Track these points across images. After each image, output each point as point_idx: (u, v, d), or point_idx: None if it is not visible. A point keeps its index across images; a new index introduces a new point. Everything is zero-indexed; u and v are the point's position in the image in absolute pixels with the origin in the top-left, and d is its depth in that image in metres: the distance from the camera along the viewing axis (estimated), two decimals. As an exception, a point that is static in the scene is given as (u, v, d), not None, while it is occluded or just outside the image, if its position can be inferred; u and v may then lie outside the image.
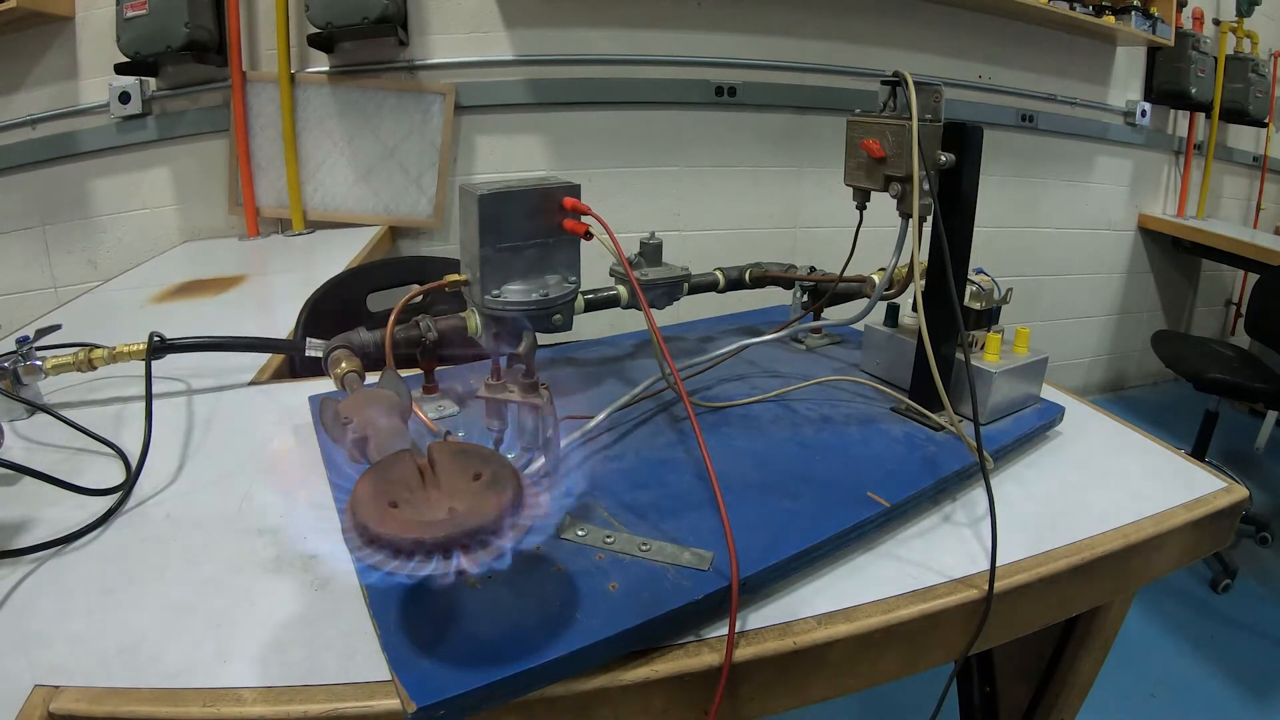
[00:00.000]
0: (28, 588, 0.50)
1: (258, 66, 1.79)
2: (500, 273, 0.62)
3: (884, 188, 0.64)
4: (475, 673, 0.39)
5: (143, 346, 0.77)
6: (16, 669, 0.43)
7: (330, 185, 1.86)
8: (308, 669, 0.43)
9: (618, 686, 0.43)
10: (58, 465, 0.65)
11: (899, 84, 0.61)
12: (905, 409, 0.70)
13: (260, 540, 0.55)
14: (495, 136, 1.92)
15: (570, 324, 0.66)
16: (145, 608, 0.48)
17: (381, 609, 0.44)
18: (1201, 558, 0.65)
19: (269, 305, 1.29)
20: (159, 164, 1.82)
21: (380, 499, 0.38)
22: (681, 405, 0.68)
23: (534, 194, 0.61)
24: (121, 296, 1.33)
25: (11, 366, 0.75)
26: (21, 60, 1.70)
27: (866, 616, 0.48)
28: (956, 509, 0.60)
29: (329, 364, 0.64)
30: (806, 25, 1.99)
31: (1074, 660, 0.70)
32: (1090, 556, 0.55)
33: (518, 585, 0.46)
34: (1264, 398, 1.93)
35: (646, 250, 0.80)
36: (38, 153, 1.75)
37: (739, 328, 0.94)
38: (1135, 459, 0.70)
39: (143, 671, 0.43)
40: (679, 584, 0.46)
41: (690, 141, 2.01)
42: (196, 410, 0.78)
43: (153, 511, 0.59)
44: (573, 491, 0.54)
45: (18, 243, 1.81)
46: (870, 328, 0.79)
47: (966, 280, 0.68)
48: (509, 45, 1.86)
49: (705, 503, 0.54)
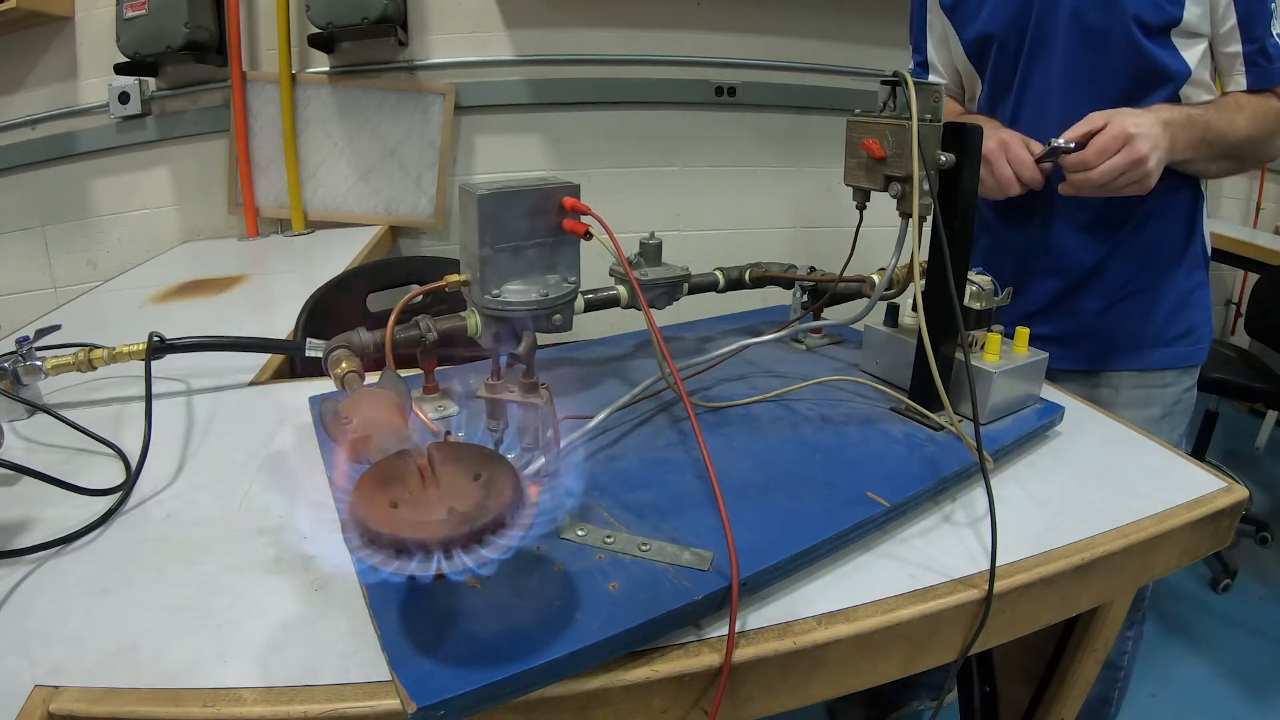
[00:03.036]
0: (28, 588, 0.50)
1: (258, 66, 1.79)
2: (500, 273, 0.62)
3: (884, 188, 0.64)
4: (475, 673, 0.39)
5: (142, 346, 0.77)
6: (16, 669, 0.43)
7: (330, 185, 1.86)
8: (308, 669, 0.43)
9: (618, 686, 0.43)
10: (58, 465, 0.65)
11: (899, 84, 0.61)
12: (905, 409, 0.70)
13: (260, 540, 0.55)
14: (495, 136, 1.92)
15: (570, 324, 0.66)
16: (145, 608, 0.48)
17: (381, 609, 0.44)
18: (1201, 557, 0.64)
19: (269, 305, 1.29)
20: (159, 164, 1.81)
21: (380, 499, 0.38)
22: (681, 405, 0.68)
23: (534, 194, 0.61)
24: (121, 296, 1.33)
25: (11, 367, 0.75)
26: (21, 60, 1.70)
27: (866, 616, 0.48)
28: (956, 509, 0.60)
29: (329, 364, 0.64)
30: (806, 25, 1.99)
31: (1074, 660, 0.70)
32: (1090, 556, 0.55)
33: (518, 585, 0.46)
34: (1264, 398, 1.93)
35: (646, 250, 0.80)
36: (38, 153, 1.75)
37: (739, 328, 0.94)
38: (1135, 459, 0.70)
39: (142, 671, 0.43)
40: (679, 584, 0.46)
41: (690, 141, 2.01)
42: (196, 410, 0.78)
43: (153, 511, 0.59)
44: (573, 491, 0.54)
45: (18, 243, 1.81)
46: (870, 328, 0.79)
47: (966, 280, 0.68)
48: (509, 45, 1.86)
49: (705, 503, 0.54)
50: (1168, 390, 1.00)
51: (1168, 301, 0.98)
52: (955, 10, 0.99)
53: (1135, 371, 0.98)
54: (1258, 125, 0.86)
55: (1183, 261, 0.98)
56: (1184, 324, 0.99)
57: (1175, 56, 0.86)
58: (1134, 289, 0.97)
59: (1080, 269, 0.98)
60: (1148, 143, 0.77)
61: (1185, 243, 0.97)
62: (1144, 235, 0.95)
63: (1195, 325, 1.00)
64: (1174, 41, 0.85)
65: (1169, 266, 0.97)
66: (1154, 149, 0.78)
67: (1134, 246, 0.95)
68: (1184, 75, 0.87)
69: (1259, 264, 2.13)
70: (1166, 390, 0.99)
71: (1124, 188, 0.80)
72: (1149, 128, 0.78)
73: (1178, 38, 0.85)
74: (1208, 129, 0.84)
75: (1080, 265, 0.97)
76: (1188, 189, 0.95)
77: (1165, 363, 0.99)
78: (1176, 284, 0.98)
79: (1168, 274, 0.97)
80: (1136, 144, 0.77)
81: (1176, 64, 0.86)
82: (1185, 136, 0.83)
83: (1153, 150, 0.78)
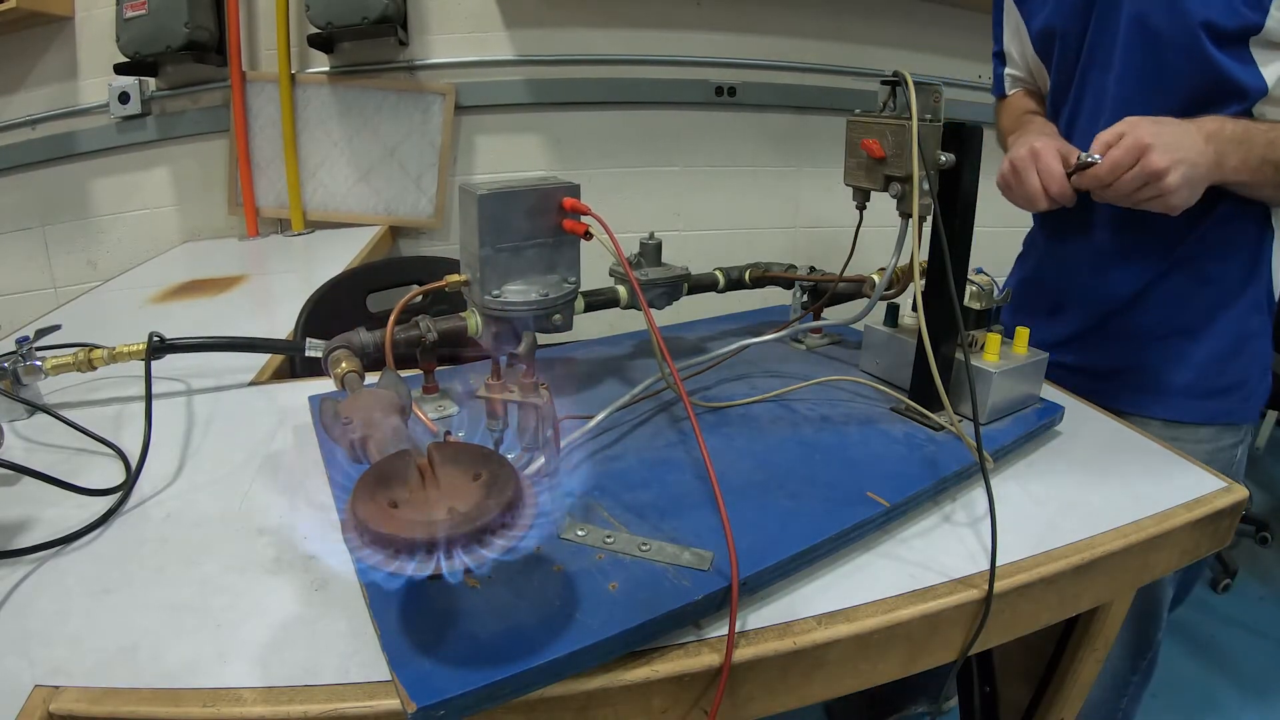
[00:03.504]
0: (28, 588, 0.50)
1: (258, 66, 1.79)
2: (500, 273, 0.62)
3: (884, 188, 0.64)
4: (475, 673, 0.39)
5: (142, 346, 0.77)
6: (16, 669, 0.43)
7: (330, 185, 1.86)
8: (308, 669, 0.43)
9: (618, 686, 0.43)
10: (58, 465, 0.65)
11: (899, 84, 0.61)
12: (905, 409, 0.70)
13: (260, 540, 0.55)
14: (495, 136, 1.92)
15: (570, 324, 0.66)
16: (145, 608, 0.48)
17: (381, 609, 0.44)
18: (1201, 557, 0.64)
19: (269, 305, 1.29)
20: (159, 164, 1.81)
21: (380, 499, 0.38)
22: (681, 405, 0.68)
23: (534, 194, 0.61)
24: (121, 296, 1.33)
25: (11, 367, 0.75)
26: (21, 60, 1.70)
27: (866, 616, 0.48)
28: (956, 509, 0.60)
29: (329, 364, 0.64)
30: (806, 25, 1.99)
31: (1074, 660, 0.70)
32: (1090, 556, 0.55)
33: (518, 585, 0.46)
34: (1264, 398, 1.93)
35: (646, 250, 0.80)
36: (38, 153, 1.75)
37: (739, 328, 0.94)
38: (1135, 459, 0.70)
39: (142, 671, 0.43)
40: (679, 584, 0.46)
41: (690, 141, 2.01)
42: (196, 410, 0.78)
43: (153, 511, 0.59)
44: (573, 491, 0.54)
45: (18, 243, 1.81)
46: (870, 328, 0.79)
47: (966, 280, 0.68)
48: (509, 45, 1.86)
49: (705, 503, 0.54)
50: (1201, 446, 0.86)
51: (1215, 347, 0.86)
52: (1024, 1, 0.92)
53: (1164, 421, 0.87)
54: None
55: (1238, 303, 0.85)
56: (1233, 376, 0.87)
57: (1251, 70, 0.74)
58: (1176, 327, 0.86)
59: (1118, 297, 0.88)
60: (1166, 156, 0.68)
61: (1244, 282, 0.84)
62: (1194, 268, 0.84)
63: (1246, 379, 0.87)
64: (1253, 52, 0.74)
65: (1221, 307, 0.85)
66: (1177, 164, 0.68)
67: (1181, 279, 0.85)
68: (1259, 92, 0.75)
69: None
70: (1200, 446, 0.86)
71: (1147, 203, 0.71)
72: (1176, 139, 0.69)
73: (1257, 48, 0.74)
74: (1272, 149, 0.73)
75: (1118, 293, 0.88)
76: (1252, 220, 0.82)
77: (1201, 417, 0.87)
78: (1228, 328, 0.85)
79: (1218, 315, 0.85)
80: (1152, 157, 0.68)
81: (1251, 79, 0.74)
82: (1238, 154, 0.72)
83: (1175, 165, 0.68)
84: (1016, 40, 0.97)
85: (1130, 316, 0.88)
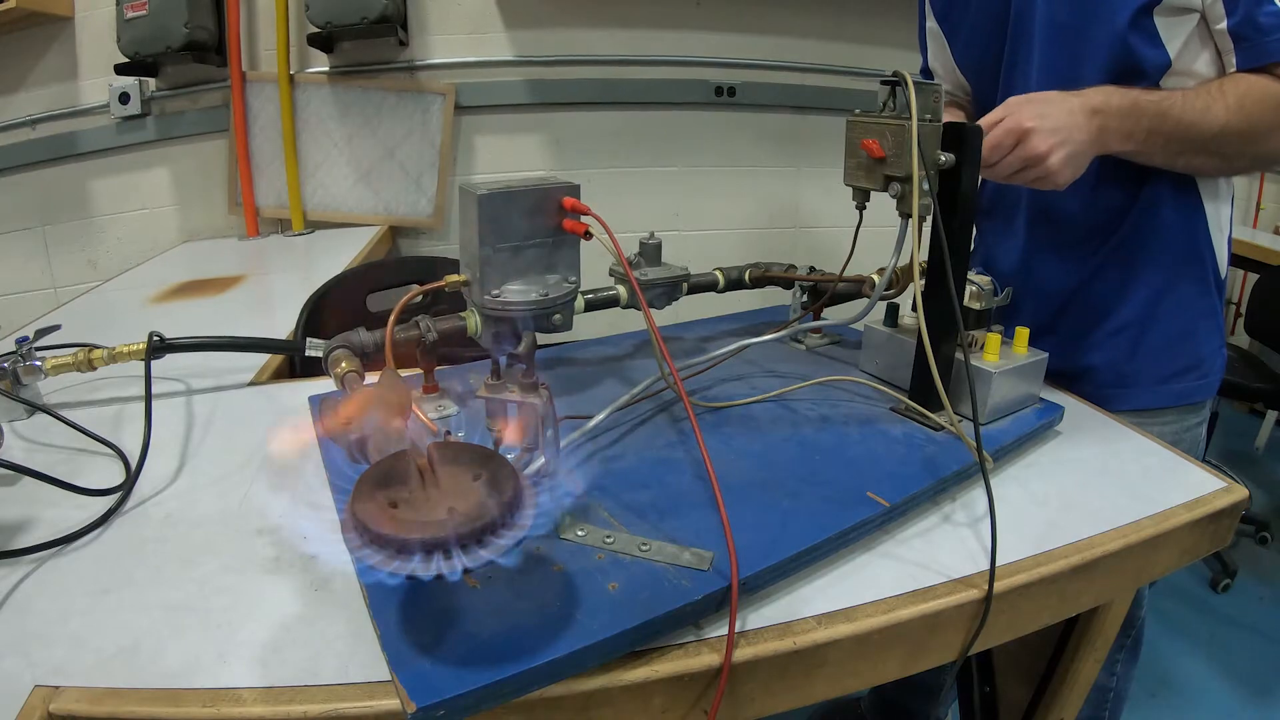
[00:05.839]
0: (28, 588, 0.50)
1: (257, 66, 1.79)
2: (500, 273, 0.62)
3: (884, 188, 0.64)
4: (475, 673, 0.39)
5: (142, 346, 0.77)
6: (16, 669, 0.43)
7: (330, 185, 1.86)
8: (308, 669, 0.43)
9: (618, 686, 0.43)
10: (57, 465, 0.65)
11: (899, 84, 0.61)
12: (905, 409, 0.70)
13: (260, 540, 0.55)
14: (495, 136, 1.92)
15: (570, 324, 0.66)
16: (145, 608, 0.48)
17: (381, 609, 0.44)
18: (1201, 557, 0.64)
19: (269, 305, 1.29)
20: (159, 164, 1.81)
21: (380, 499, 0.38)
22: (681, 405, 0.68)
23: (534, 194, 0.61)
24: (121, 296, 1.33)
25: (11, 367, 0.75)
26: (21, 60, 1.70)
27: (866, 616, 0.48)
28: (956, 509, 0.60)
29: (329, 364, 0.64)
30: (806, 25, 1.99)
31: (1074, 660, 0.70)
32: (1090, 556, 0.55)
33: (517, 585, 0.46)
34: (1264, 398, 1.93)
35: (646, 250, 0.80)
36: (38, 153, 1.75)
37: (739, 328, 0.94)
38: (1135, 459, 0.70)
39: (142, 671, 0.43)
40: (679, 584, 0.46)
41: (690, 141, 2.01)
42: (196, 410, 0.77)
43: (152, 512, 0.59)
44: (572, 491, 0.54)
45: (18, 243, 1.81)
46: (870, 328, 0.79)
47: (966, 280, 0.68)
48: (509, 45, 1.86)
49: (705, 503, 0.54)
50: (1166, 429, 0.87)
51: (1165, 334, 0.85)
52: (945, 17, 0.95)
53: (1128, 412, 0.84)
54: (1244, 115, 0.71)
55: (1181, 288, 0.84)
56: (1187, 358, 0.86)
57: (1155, 45, 0.75)
58: (1124, 321, 0.86)
59: (1055, 294, 0.88)
60: (1047, 140, 0.68)
61: (1184, 263, 0.83)
62: (1128, 260, 0.84)
63: (1202, 359, 0.87)
64: (1156, 22, 0.74)
65: (1165, 294, 0.84)
66: (1059, 145, 0.68)
67: (1117, 273, 0.84)
68: (1161, 66, 0.76)
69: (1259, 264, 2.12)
70: (1165, 429, 0.87)
71: (1033, 183, 0.71)
72: (1057, 119, 0.69)
73: (1161, 16, 0.74)
74: (1162, 118, 0.72)
75: (1054, 290, 0.88)
76: (1181, 205, 0.82)
77: (1162, 402, 0.87)
78: (1176, 314, 0.85)
79: (1163, 302, 0.84)
80: (1033, 141, 0.68)
81: (1154, 54, 0.75)
82: (1125, 126, 0.71)
83: (1056, 147, 0.68)
84: (941, 57, 0.99)
85: (1075, 315, 0.88)
